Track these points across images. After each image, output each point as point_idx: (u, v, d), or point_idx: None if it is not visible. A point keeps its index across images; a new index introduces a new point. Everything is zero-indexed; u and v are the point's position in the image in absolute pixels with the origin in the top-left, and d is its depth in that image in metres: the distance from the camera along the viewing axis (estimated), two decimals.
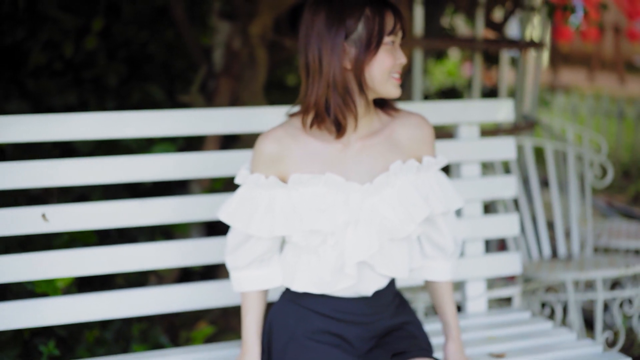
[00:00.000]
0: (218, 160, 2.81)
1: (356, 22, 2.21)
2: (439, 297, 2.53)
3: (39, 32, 4.03)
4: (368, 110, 2.31)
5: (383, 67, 2.23)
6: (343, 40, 2.21)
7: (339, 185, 2.26)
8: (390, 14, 2.24)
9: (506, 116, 3.10)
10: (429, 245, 2.48)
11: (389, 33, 2.22)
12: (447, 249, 2.47)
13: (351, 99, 2.25)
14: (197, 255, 2.80)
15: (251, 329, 2.39)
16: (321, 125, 2.27)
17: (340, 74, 2.22)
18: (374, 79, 2.24)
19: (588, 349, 2.73)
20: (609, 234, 4.30)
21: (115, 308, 2.73)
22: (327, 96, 2.24)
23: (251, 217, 2.29)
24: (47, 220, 2.61)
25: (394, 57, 2.24)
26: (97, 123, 2.69)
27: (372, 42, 2.20)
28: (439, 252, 2.48)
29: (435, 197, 2.36)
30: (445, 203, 2.38)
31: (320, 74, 2.23)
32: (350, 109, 2.25)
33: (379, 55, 2.22)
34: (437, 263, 2.49)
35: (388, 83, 2.25)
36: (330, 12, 2.22)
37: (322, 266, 2.28)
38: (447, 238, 2.46)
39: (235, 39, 4.17)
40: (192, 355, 2.70)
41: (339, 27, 2.21)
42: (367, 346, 2.35)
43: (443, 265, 2.50)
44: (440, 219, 2.43)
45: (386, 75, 2.24)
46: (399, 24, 2.25)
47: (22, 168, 2.59)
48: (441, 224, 2.44)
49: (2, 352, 3.11)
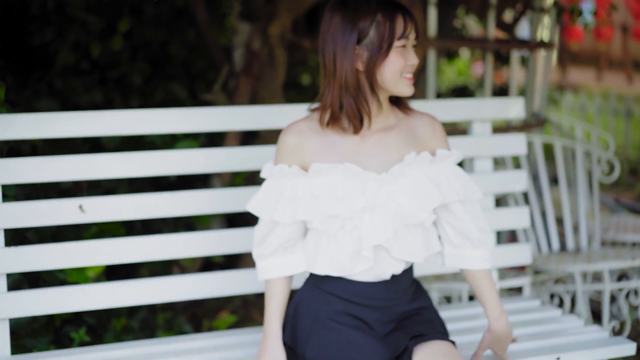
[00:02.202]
0: (239, 155, 2.96)
1: (369, 27, 2.36)
2: (476, 286, 2.60)
3: (66, 33, 4.17)
4: (383, 107, 2.47)
5: (394, 69, 2.38)
6: (355, 44, 2.37)
7: (356, 174, 2.42)
8: (401, 19, 2.38)
9: (517, 114, 3.24)
10: (453, 232, 2.57)
11: (400, 37, 2.37)
12: (471, 236, 2.55)
13: (364, 99, 2.41)
14: (219, 246, 2.94)
15: (274, 315, 2.53)
16: (336, 123, 2.44)
17: (352, 76, 2.38)
18: (385, 80, 2.40)
19: (595, 335, 2.86)
20: (616, 228, 4.43)
21: (142, 295, 2.86)
22: (340, 97, 2.40)
23: (276, 205, 2.45)
24: (84, 212, 2.76)
25: (405, 58, 2.39)
26: (124, 120, 2.84)
27: (383, 46, 2.36)
28: (464, 239, 2.56)
29: (449, 186, 2.49)
30: (462, 192, 2.51)
31: (334, 76, 2.40)
32: (363, 108, 2.41)
33: (389, 58, 2.37)
34: (466, 251, 2.58)
35: (400, 83, 2.40)
36: (345, 17, 2.38)
37: (341, 250, 2.43)
38: (470, 226, 2.54)
39: (255, 40, 4.32)
40: (216, 340, 2.84)
41: (351, 32, 2.36)
42: (386, 329, 2.49)
43: (473, 253, 2.57)
44: (459, 207, 2.54)
45: (398, 75, 2.39)
46: (410, 27, 2.39)
47: (56, 162, 2.75)
48: (460, 211, 2.54)
49: (36, 338, 3.26)
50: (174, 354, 2.70)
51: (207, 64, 4.86)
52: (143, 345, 2.78)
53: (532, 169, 4.82)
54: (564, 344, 2.78)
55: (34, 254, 2.72)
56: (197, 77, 4.88)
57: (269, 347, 2.50)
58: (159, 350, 2.76)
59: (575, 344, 2.78)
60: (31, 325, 3.25)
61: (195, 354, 2.71)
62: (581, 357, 2.71)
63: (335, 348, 2.40)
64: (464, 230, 2.55)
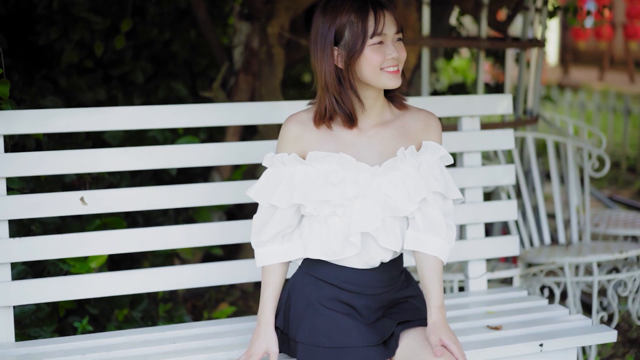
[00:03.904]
0: (237, 150, 3.08)
1: (343, 28, 2.49)
2: (426, 273, 2.59)
3: (71, 32, 4.28)
4: (375, 103, 2.59)
5: (371, 65, 2.50)
6: (333, 45, 2.50)
7: (350, 164, 2.54)
8: (372, 17, 2.48)
9: (506, 110, 3.35)
10: (421, 218, 2.60)
11: (372, 35, 2.48)
12: (437, 227, 2.60)
13: (347, 97, 2.54)
14: (218, 237, 3.06)
15: (268, 303, 2.64)
16: (326, 121, 2.57)
17: (331, 76, 2.53)
18: (365, 76, 2.52)
19: (579, 323, 2.96)
20: (608, 223, 4.53)
21: (143, 284, 2.97)
22: (323, 96, 2.55)
23: (274, 191, 2.58)
24: (85, 204, 2.87)
25: (382, 53, 2.50)
26: (126, 116, 2.95)
27: (356, 44, 2.48)
28: (429, 227, 2.60)
29: (433, 178, 2.59)
30: (442, 187, 2.59)
31: (318, 77, 2.56)
32: (344, 106, 2.54)
33: (365, 56, 2.49)
34: (427, 237, 2.60)
35: (382, 76, 2.52)
36: (324, 20, 2.53)
37: (331, 235, 2.55)
38: (440, 218, 2.60)
39: (254, 39, 4.43)
40: (215, 327, 2.94)
41: (328, 34, 2.51)
42: (375, 316, 2.60)
43: (433, 240, 2.59)
44: (435, 199, 2.60)
45: (377, 71, 2.51)
46: (382, 24, 2.49)
47: (58, 156, 2.86)
48: (433, 201, 2.59)
49: (40, 328, 3.36)
50: (171, 341, 2.80)
51: (208, 62, 4.98)
52: (141, 333, 2.88)
53: (526, 165, 4.92)
54: (547, 332, 2.88)
55: (37, 245, 2.83)
56: (198, 75, 5.00)
57: (262, 333, 2.61)
58: (157, 337, 2.85)
59: (558, 331, 2.88)
60: (36, 315, 3.36)
61: (192, 340, 2.81)
62: (563, 344, 2.82)
63: (325, 332, 2.51)
64: (432, 220, 2.60)
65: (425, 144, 2.62)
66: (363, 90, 2.56)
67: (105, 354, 2.69)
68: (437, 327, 2.52)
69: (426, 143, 2.62)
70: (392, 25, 2.52)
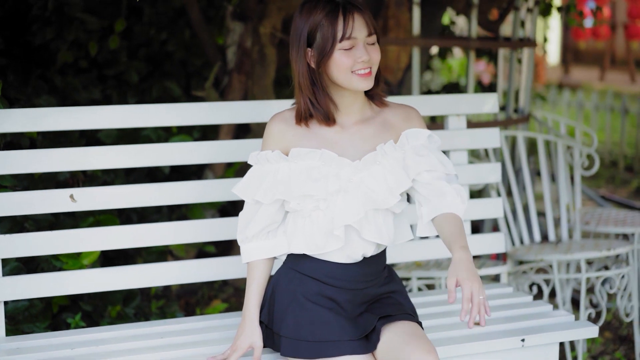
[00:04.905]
0: (228, 148, 3.13)
1: (315, 31, 2.54)
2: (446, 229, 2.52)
3: (66, 32, 4.34)
4: (354, 101, 2.64)
5: (341, 69, 2.54)
6: (306, 47, 2.56)
7: (332, 159, 2.60)
8: (341, 21, 2.52)
9: (492, 108, 3.39)
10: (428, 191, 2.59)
11: (341, 39, 2.52)
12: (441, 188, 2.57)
13: (321, 98, 2.59)
14: (210, 234, 3.11)
15: (253, 298, 2.69)
16: (302, 120, 2.63)
17: (304, 77, 2.58)
18: (336, 79, 2.57)
19: (561, 319, 3.00)
20: (598, 221, 4.56)
21: (136, 280, 3.02)
22: (298, 96, 2.61)
23: (259, 187, 2.63)
24: (75, 201, 2.92)
25: (352, 56, 2.54)
26: (116, 114, 3.00)
27: (326, 47, 2.53)
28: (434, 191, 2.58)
29: (421, 158, 2.60)
30: (429, 163, 2.60)
31: (294, 77, 2.62)
32: (318, 106, 2.59)
33: (334, 59, 2.53)
34: (436, 200, 2.58)
35: (352, 79, 2.56)
36: (299, 22, 2.58)
37: (315, 229, 2.61)
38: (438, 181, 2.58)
39: (247, 39, 4.48)
40: (203, 323, 2.98)
41: (301, 36, 2.56)
42: (358, 311, 2.64)
43: (442, 201, 2.56)
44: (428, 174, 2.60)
45: (347, 73, 2.55)
46: (351, 29, 2.52)
47: (51, 154, 2.91)
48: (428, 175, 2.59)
49: (33, 324, 3.40)
50: (159, 335, 2.84)
51: (202, 62, 5.03)
52: (130, 328, 2.92)
53: (517, 164, 4.96)
54: (530, 327, 2.91)
55: (29, 241, 2.88)
56: (193, 75, 5.05)
57: (247, 327, 2.65)
58: (146, 332, 2.89)
59: (540, 327, 2.92)
60: (29, 311, 3.39)
61: (180, 335, 2.85)
62: (545, 339, 2.85)
63: (308, 326, 2.56)
64: (435, 185, 2.59)
65: (404, 134, 2.66)
66: (337, 91, 2.61)
67: (94, 348, 2.73)
68: (457, 266, 2.40)
69: (405, 132, 2.66)
70: (363, 28, 2.55)
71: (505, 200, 4.27)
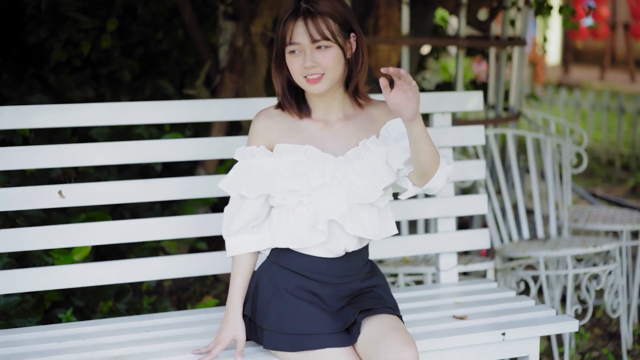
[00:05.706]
0: (219, 145, 3.17)
1: (279, 33, 2.62)
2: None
3: (59, 31, 4.39)
4: (332, 100, 2.69)
5: (292, 72, 2.63)
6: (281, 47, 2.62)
7: (316, 155, 2.65)
8: (291, 27, 2.58)
9: (476, 106, 3.43)
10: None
11: (289, 43, 2.58)
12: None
13: (287, 89, 2.67)
14: (200, 229, 3.15)
15: (237, 292, 2.74)
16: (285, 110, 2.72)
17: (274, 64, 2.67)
18: (293, 78, 2.65)
19: (543, 313, 3.04)
20: (587, 218, 4.60)
21: (127, 274, 3.06)
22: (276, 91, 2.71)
23: (244, 182, 2.68)
24: (63, 197, 2.96)
25: (299, 61, 2.60)
26: (110, 111, 3.04)
27: (279, 47, 2.62)
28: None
29: (404, 150, 2.63)
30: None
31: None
32: (289, 95, 2.68)
33: (287, 59, 2.62)
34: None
35: (303, 83, 2.63)
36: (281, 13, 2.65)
37: (299, 224, 2.66)
38: None
39: (238, 38, 4.53)
40: (192, 317, 3.02)
41: (276, 36, 2.64)
42: (339, 304, 2.68)
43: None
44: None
45: (299, 77, 2.62)
46: (292, 35, 2.57)
47: (41, 151, 2.95)
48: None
49: (25, 319, 3.44)
50: (146, 329, 2.89)
51: (196, 61, 5.08)
52: (119, 322, 2.96)
53: (507, 161, 5.00)
54: (511, 321, 2.95)
55: (20, 235, 2.92)
56: (186, 74, 5.10)
57: (230, 320, 2.70)
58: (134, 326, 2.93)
59: (521, 321, 2.96)
60: (21, 306, 3.44)
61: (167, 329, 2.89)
62: (525, 333, 2.90)
63: (290, 320, 2.60)
64: None
65: (384, 127, 2.70)
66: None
67: (82, 342, 2.77)
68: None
69: (386, 125, 2.70)
70: (305, 35, 2.57)
71: (495, 197, 4.31)
